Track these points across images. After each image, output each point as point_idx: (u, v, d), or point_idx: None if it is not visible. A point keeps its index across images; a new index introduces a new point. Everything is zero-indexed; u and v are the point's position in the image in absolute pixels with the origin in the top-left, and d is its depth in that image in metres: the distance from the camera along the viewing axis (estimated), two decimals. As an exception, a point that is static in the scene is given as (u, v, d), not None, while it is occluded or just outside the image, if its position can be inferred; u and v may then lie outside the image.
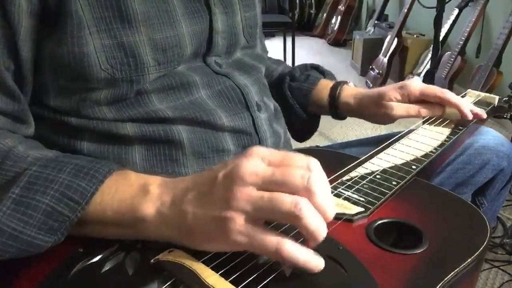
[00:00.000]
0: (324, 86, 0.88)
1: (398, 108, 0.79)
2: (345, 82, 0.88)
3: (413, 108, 0.79)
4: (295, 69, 0.93)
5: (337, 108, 0.86)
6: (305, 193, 0.40)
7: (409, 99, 0.79)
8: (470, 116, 0.78)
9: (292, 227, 0.43)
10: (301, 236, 0.41)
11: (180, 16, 0.59)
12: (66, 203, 0.45)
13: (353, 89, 0.87)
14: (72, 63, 0.53)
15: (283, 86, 0.89)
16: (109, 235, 0.48)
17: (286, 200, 0.40)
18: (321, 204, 0.41)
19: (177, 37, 0.59)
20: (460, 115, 0.78)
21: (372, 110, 0.82)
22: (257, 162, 0.42)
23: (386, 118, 0.81)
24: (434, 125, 0.77)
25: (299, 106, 0.88)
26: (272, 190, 0.41)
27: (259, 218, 0.41)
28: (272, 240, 0.40)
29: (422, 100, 0.79)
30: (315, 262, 0.41)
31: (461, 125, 0.77)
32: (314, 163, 0.42)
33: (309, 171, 0.41)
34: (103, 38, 0.54)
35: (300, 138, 0.95)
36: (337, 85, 0.87)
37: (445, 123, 0.78)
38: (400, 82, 0.81)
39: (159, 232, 0.45)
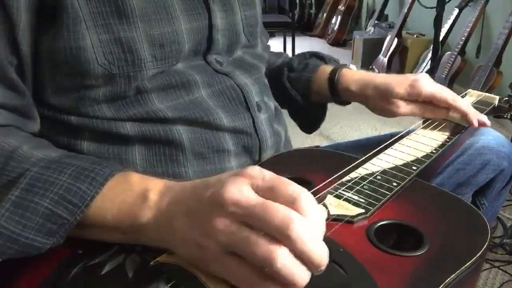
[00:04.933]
0: (323, 72, 0.84)
1: (404, 107, 0.77)
2: (344, 66, 0.85)
3: (418, 109, 0.78)
4: (293, 59, 0.90)
5: (338, 95, 0.83)
6: (284, 240, 0.36)
7: (416, 99, 0.77)
8: (476, 125, 0.76)
9: None
10: None
11: (178, 12, 0.59)
12: (65, 206, 0.45)
13: (354, 73, 0.82)
14: (69, 58, 0.53)
15: (282, 77, 0.87)
16: (109, 238, 0.47)
17: (261, 244, 0.36)
18: (303, 251, 0.36)
19: (175, 33, 0.59)
20: (464, 120, 0.77)
21: (377, 103, 0.79)
22: (244, 188, 0.39)
23: (389, 113, 0.79)
24: (431, 129, 0.76)
25: (301, 96, 0.85)
26: (251, 224, 0.38)
27: (233, 251, 0.38)
28: (245, 277, 0.38)
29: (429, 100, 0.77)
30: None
31: (460, 127, 0.76)
32: (306, 199, 0.38)
33: (294, 211, 0.37)
34: (100, 33, 0.53)
35: (308, 128, 0.93)
36: (336, 70, 0.83)
37: (443, 126, 0.77)
38: (412, 77, 0.77)
39: (157, 238, 0.45)
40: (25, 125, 0.55)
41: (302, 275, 0.37)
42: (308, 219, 0.37)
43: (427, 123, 0.78)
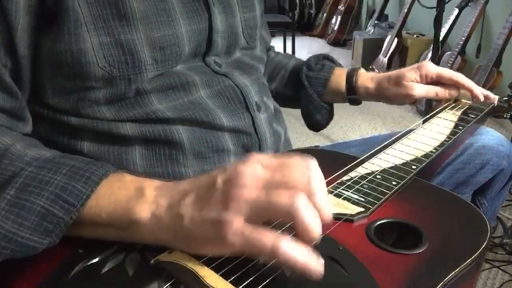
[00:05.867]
0: (340, 73, 0.90)
1: (418, 88, 0.83)
2: (359, 68, 0.91)
3: (432, 89, 0.84)
4: (310, 59, 0.94)
5: (355, 94, 0.89)
6: (305, 192, 0.40)
7: (425, 79, 0.84)
8: (482, 98, 0.84)
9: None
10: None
11: (178, 15, 0.59)
12: (61, 205, 0.45)
13: (368, 74, 0.90)
14: (70, 60, 0.53)
15: (301, 76, 0.90)
16: (105, 237, 0.47)
17: (283, 195, 0.39)
18: (320, 203, 0.41)
19: (175, 36, 0.59)
20: (471, 97, 0.84)
21: (393, 91, 0.85)
22: (256, 167, 0.42)
23: (406, 98, 0.85)
24: (430, 128, 0.77)
25: (317, 95, 0.90)
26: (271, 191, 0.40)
27: (257, 218, 0.41)
28: (268, 239, 0.39)
29: (437, 81, 0.84)
30: (314, 264, 0.40)
31: (460, 127, 0.77)
32: (313, 164, 0.42)
33: (308, 170, 0.41)
34: (100, 35, 0.54)
35: (319, 127, 0.95)
36: (353, 72, 0.90)
37: (443, 126, 0.77)
38: (416, 64, 0.85)
39: (154, 235, 0.45)
40: (17, 127, 0.55)
41: (318, 222, 0.40)
42: (319, 175, 0.42)
43: (427, 122, 0.78)
